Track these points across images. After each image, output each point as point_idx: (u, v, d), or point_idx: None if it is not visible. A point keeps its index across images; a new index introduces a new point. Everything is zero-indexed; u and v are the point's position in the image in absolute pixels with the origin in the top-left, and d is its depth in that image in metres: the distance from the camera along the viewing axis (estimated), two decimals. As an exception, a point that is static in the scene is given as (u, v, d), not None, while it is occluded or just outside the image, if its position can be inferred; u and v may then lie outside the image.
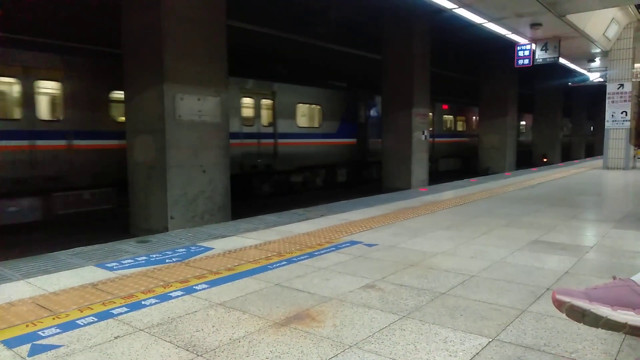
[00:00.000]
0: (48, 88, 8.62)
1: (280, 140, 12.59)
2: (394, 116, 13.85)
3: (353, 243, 3.78)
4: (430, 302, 2.41)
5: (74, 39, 9.08)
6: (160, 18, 7.07)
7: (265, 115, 12.43)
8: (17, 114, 8.23)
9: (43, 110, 8.58)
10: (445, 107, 20.23)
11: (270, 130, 12.45)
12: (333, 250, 3.54)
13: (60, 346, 1.92)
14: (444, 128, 20.27)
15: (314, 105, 13.92)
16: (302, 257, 3.33)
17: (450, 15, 10.31)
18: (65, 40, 8.96)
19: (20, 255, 3.50)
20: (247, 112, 11.89)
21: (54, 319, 2.21)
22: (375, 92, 15.34)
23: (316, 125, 14.03)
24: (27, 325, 2.13)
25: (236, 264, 3.17)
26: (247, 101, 11.86)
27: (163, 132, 7.18)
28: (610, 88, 11.93)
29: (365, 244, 3.73)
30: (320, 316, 2.22)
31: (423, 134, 14.03)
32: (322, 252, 3.50)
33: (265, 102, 12.34)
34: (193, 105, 7.47)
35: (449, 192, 7.20)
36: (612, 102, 11.88)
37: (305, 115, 13.76)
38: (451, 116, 20.89)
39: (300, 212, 5.38)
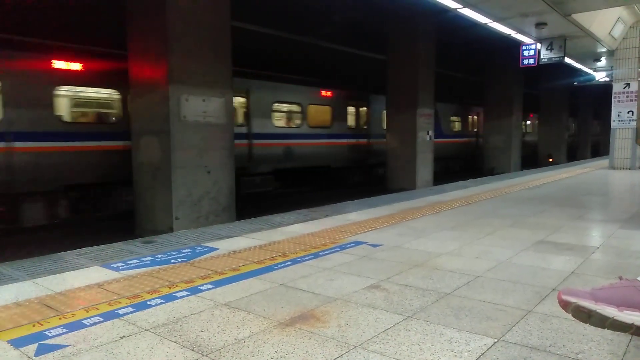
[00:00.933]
0: None
1: (372, 140, 15.48)
2: (399, 116, 13.84)
3: (357, 243, 3.78)
4: (435, 302, 2.40)
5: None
6: (165, 20, 7.10)
7: (363, 120, 15.33)
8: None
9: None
10: None
11: (365, 131, 15.28)
12: (337, 251, 3.54)
13: (66, 346, 1.93)
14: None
15: None
16: (306, 258, 3.34)
17: (454, 15, 10.28)
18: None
19: (27, 256, 3.52)
20: (351, 118, 14.88)
21: (60, 319, 2.23)
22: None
23: None
24: (33, 325, 2.15)
25: (241, 265, 3.18)
26: (350, 109, 14.86)
27: (168, 133, 7.20)
28: (617, 87, 11.86)
29: (369, 245, 3.73)
30: (325, 316, 2.22)
31: (427, 134, 14.00)
32: (326, 252, 3.50)
33: (363, 109, 15.33)
34: (198, 106, 7.49)
35: (454, 193, 7.18)
36: (618, 101, 11.81)
37: None
38: None
39: (304, 212, 5.39)
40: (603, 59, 14.94)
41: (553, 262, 3.15)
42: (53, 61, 8.16)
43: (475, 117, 21.69)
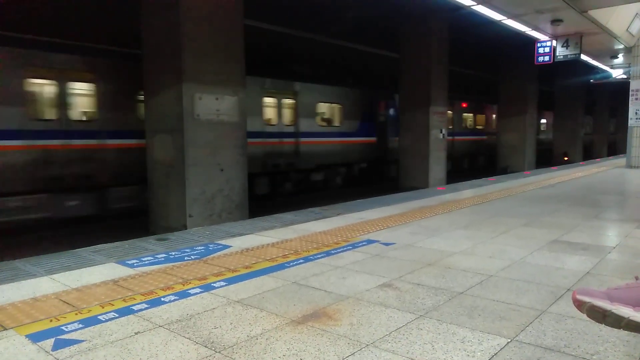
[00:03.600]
0: None
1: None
2: (412, 114, 13.74)
3: (370, 242, 3.78)
4: (448, 301, 2.39)
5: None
6: (179, 18, 7.14)
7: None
8: None
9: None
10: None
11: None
12: (350, 249, 3.54)
13: (82, 341, 1.97)
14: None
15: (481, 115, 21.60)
16: (319, 256, 3.34)
17: (468, 12, 10.19)
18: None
19: (44, 252, 3.58)
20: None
21: (76, 314, 2.27)
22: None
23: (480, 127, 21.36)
24: (50, 320, 2.19)
25: (254, 262, 3.20)
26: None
27: (182, 132, 7.26)
28: (634, 85, 11.63)
29: (382, 243, 3.73)
30: (337, 314, 2.23)
31: (441, 132, 13.90)
32: (338, 250, 3.50)
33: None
34: (211, 105, 7.53)
35: (467, 191, 7.13)
36: (636, 99, 11.59)
37: (471, 120, 20.83)
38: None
39: (317, 210, 5.39)
40: (620, 55, 14.68)
41: (568, 262, 3.11)
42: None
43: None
